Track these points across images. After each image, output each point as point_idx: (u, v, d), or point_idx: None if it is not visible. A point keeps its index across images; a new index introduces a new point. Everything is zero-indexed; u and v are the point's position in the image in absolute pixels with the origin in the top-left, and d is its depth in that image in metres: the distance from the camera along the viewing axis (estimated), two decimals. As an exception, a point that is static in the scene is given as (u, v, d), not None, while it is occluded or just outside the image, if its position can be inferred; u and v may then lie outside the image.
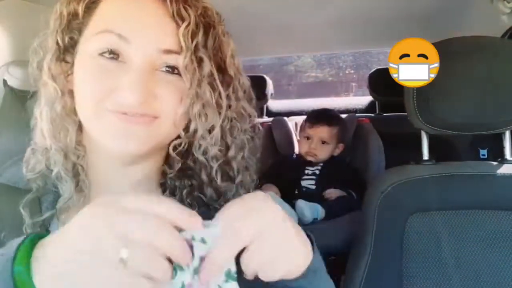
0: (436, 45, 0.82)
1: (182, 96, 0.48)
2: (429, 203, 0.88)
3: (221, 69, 0.51)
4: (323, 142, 1.64)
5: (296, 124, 2.05)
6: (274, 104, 2.57)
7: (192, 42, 0.47)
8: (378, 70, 2.22)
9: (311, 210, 1.43)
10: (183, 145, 0.51)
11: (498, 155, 0.97)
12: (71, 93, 0.49)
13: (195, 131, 0.49)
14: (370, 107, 2.38)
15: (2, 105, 0.86)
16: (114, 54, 0.46)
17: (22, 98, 0.91)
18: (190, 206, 0.52)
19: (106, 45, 0.46)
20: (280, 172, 1.67)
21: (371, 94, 2.22)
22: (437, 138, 0.98)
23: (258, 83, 2.22)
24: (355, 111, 2.36)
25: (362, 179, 1.62)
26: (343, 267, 0.93)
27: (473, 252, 0.87)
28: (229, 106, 0.51)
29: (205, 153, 0.51)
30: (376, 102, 2.23)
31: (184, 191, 0.52)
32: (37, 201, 0.50)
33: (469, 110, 0.88)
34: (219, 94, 0.49)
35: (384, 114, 2.13)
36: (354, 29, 1.53)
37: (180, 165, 0.52)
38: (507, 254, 0.86)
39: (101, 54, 0.46)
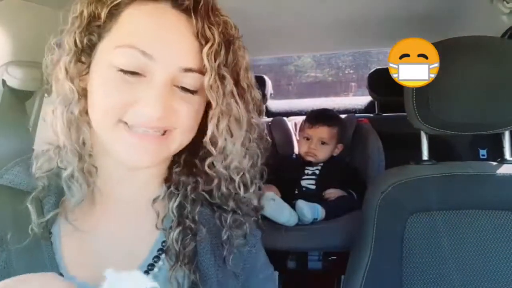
0: (436, 45, 0.82)
1: (196, 112, 0.50)
2: (429, 203, 0.88)
3: (235, 81, 0.51)
4: (323, 143, 1.64)
5: (295, 124, 2.05)
6: (274, 104, 2.57)
7: (215, 61, 0.47)
8: (377, 70, 2.22)
9: (311, 210, 1.43)
10: (217, 161, 0.52)
11: (497, 155, 0.96)
12: (84, 91, 0.49)
13: (224, 147, 0.51)
14: (369, 107, 2.38)
15: (1, 105, 0.86)
16: (134, 72, 0.46)
17: (21, 98, 0.91)
18: (194, 201, 0.54)
19: (129, 62, 0.46)
20: (280, 172, 1.67)
21: (370, 94, 2.22)
22: (436, 138, 0.98)
23: (258, 83, 2.21)
24: (355, 111, 2.36)
25: (362, 179, 1.62)
26: (343, 267, 0.93)
27: (473, 252, 0.86)
28: None
29: (227, 167, 0.52)
30: (376, 102, 2.23)
31: (189, 187, 0.54)
32: (39, 202, 0.50)
33: (469, 110, 0.88)
34: (238, 110, 0.51)
35: (384, 114, 2.13)
36: (354, 29, 1.53)
37: (186, 158, 0.55)
38: (507, 254, 0.86)
39: (122, 70, 0.46)
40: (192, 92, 0.49)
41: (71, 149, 0.49)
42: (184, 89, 0.48)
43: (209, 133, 0.50)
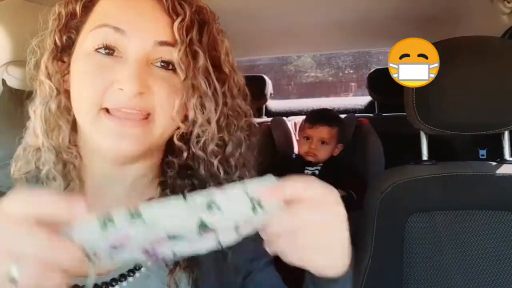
0: (436, 45, 0.82)
1: (176, 92, 0.48)
2: (429, 203, 0.88)
3: (216, 66, 0.51)
4: (323, 143, 1.64)
5: (295, 124, 2.05)
6: (274, 104, 2.57)
7: (186, 36, 0.47)
8: (377, 70, 2.22)
9: (310, 210, 1.43)
10: (184, 132, 0.50)
11: (497, 155, 0.97)
12: (66, 92, 0.49)
13: (194, 121, 0.49)
14: (369, 107, 2.39)
15: (1, 105, 0.86)
16: (109, 49, 0.46)
17: (21, 98, 0.91)
18: None
19: (102, 40, 0.46)
20: (279, 172, 1.67)
21: (370, 94, 2.22)
22: (436, 138, 0.98)
23: (258, 83, 2.22)
24: (355, 111, 2.36)
25: (362, 179, 1.62)
26: (343, 267, 0.93)
27: (473, 251, 0.87)
28: (225, 103, 0.51)
29: (203, 148, 0.51)
30: (375, 102, 2.23)
31: (185, 190, 0.52)
32: None
33: (469, 110, 0.88)
34: (215, 89, 0.50)
35: (384, 114, 2.13)
36: (354, 29, 1.53)
37: (180, 161, 0.52)
38: (507, 254, 0.86)
39: (97, 50, 0.46)
40: (169, 69, 0.48)
41: (48, 146, 0.48)
42: (162, 66, 0.48)
43: (175, 107, 0.48)
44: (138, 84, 0.45)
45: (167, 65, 0.48)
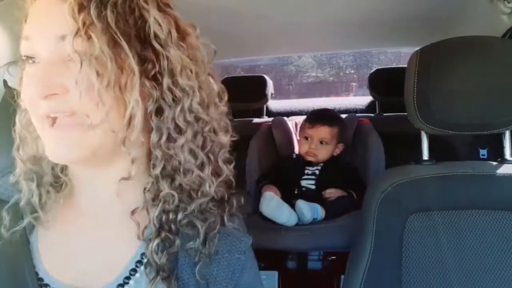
0: (437, 45, 0.82)
1: (96, 83, 0.43)
2: (429, 203, 0.88)
3: (140, 40, 0.45)
4: (323, 143, 1.64)
5: (296, 124, 2.05)
6: (274, 104, 2.57)
7: (80, 20, 0.42)
8: (378, 70, 2.22)
9: (311, 210, 1.43)
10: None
11: (498, 155, 0.96)
12: None
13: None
14: (370, 107, 2.38)
15: (2, 106, 0.86)
16: (30, 59, 0.46)
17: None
18: (174, 212, 0.50)
19: (22, 52, 0.46)
20: (280, 172, 1.67)
21: (371, 94, 2.22)
22: (437, 138, 0.98)
23: (258, 83, 2.22)
24: (355, 111, 2.35)
25: (362, 179, 1.62)
26: (343, 267, 0.93)
27: (473, 252, 0.87)
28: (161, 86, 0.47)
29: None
30: (376, 102, 2.23)
31: (168, 200, 0.50)
32: (18, 210, 0.51)
33: (469, 110, 0.88)
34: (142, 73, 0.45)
35: (384, 114, 2.13)
36: (355, 29, 1.53)
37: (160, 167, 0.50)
38: (507, 254, 0.86)
39: (26, 62, 0.46)
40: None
41: (21, 159, 0.51)
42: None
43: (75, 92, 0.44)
44: (42, 86, 0.43)
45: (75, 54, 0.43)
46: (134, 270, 0.51)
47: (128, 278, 0.51)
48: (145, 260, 0.51)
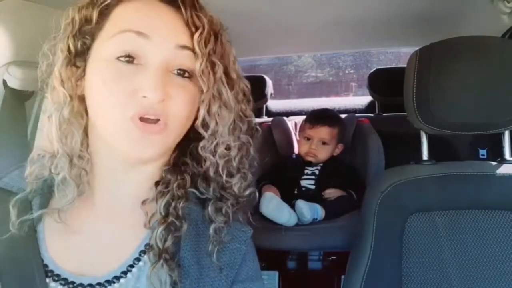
0: (436, 45, 0.82)
1: (191, 100, 0.51)
2: (429, 203, 0.88)
3: (225, 72, 0.53)
4: (323, 143, 1.65)
5: (295, 124, 2.05)
6: (274, 104, 2.57)
7: (206, 48, 0.50)
8: (378, 70, 2.22)
9: (310, 210, 1.43)
10: (205, 145, 0.54)
11: (497, 155, 0.97)
12: (79, 98, 0.51)
13: (216, 130, 0.52)
14: (369, 107, 2.38)
15: (2, 106, 0.86)
16: (130, 57, 0.48)
17: (22, 99, 0.91)
18: (179, 198, 0.54)
19: (124, 47, 0.47)
20: (280, 172, 1.67)
21: (370, 94, 2.22)
22: (436, 138, 0.98)
23: (258, 83, 2.22)
24: (355, 111, 2.36)
25: (362, 179, 1.62)
26: (343, 267, 0.93)
27: (472, 252, 0.87)
28: (234, 109, 0.54)
29: (214, 152, 0.54)
30: (376, 102, 2.23)
31: (175, 184, 0.54)
32: (28, 202, 0.52)
33: (469, 110, 0.88)
34: (228, 96, 0.53)
35: (384, 114, 2.13)
36: (354, 29, 1.53)
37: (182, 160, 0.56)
38: (507, 254, 0.86)
39: (118, 58, 0.47)
40: (187, 77, 0.51)
41: (63, 153, 0.50)
42: (179, 74, 0.50)
43: (200, 117, 0.52)
44: (161, 91, 0.47)
45: (183, 73, 0.50)
46: (137, 259, 0.52)
47: (131, 266, 0.52)
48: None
